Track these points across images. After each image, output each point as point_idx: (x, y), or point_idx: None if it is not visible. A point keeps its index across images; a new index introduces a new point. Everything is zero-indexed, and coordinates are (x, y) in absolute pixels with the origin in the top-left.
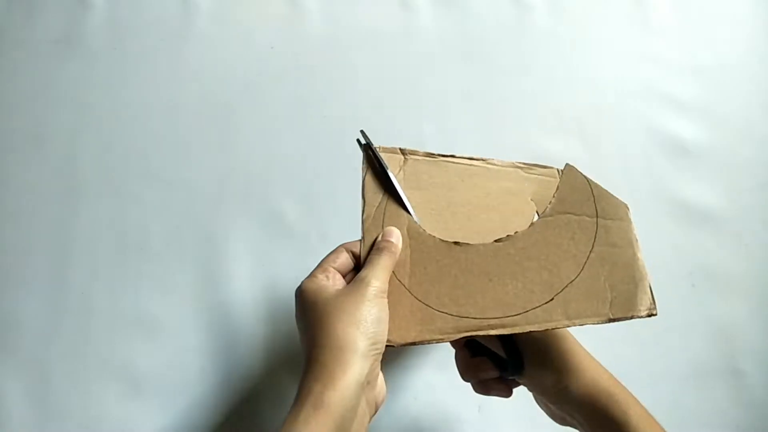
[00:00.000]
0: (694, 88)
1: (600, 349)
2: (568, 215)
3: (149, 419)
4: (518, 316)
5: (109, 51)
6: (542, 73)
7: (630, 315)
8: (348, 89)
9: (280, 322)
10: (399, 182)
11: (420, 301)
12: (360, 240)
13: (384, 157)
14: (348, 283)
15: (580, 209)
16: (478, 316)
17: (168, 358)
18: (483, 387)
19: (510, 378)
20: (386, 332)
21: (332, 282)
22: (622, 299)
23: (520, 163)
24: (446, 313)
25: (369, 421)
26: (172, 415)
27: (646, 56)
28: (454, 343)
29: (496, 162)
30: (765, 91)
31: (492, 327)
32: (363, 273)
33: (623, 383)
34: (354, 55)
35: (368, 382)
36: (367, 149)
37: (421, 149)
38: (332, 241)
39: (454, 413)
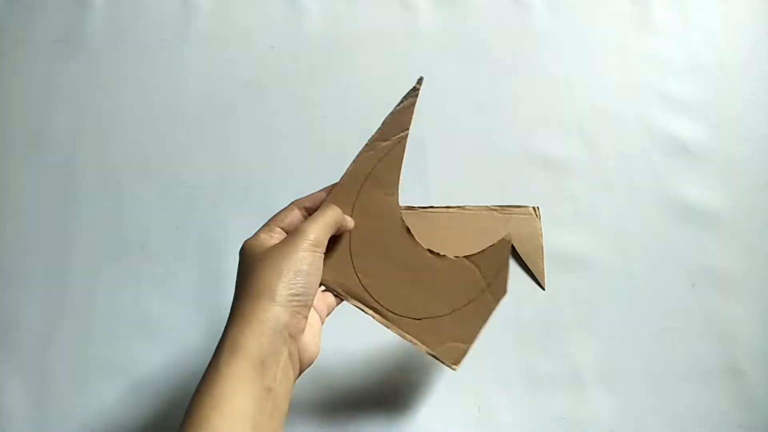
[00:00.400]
0: (694, 88)
1: (600, 349)
2: (475, 268)
3: (149, 419)
4: (399, 316)
5: (109, 51)
6: (542, 73)
7: (437, 358)
8: (348, 89)
9: None
10: None
11: (351, 256)
12: (331, 187)
13: None
14: None
15: (485, 271)
16: (374, 296)
17: (168, 358)
18: None
19: None
20: (315, 285)
21: (275, 241)
22: (449, 350)
23: (494, 206)
24: (359, 278)
25: (295, 377)
26: (172, 415)
27: (646, 56)
28: None
29: (471, 207)
30: (765, 91)
31: (375, 310)
32: (303, 225)
33: (624, 383)
34: (354, 55)
35: (290, 334)
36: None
37: (421, 150)
38: None
39: (454, 413)
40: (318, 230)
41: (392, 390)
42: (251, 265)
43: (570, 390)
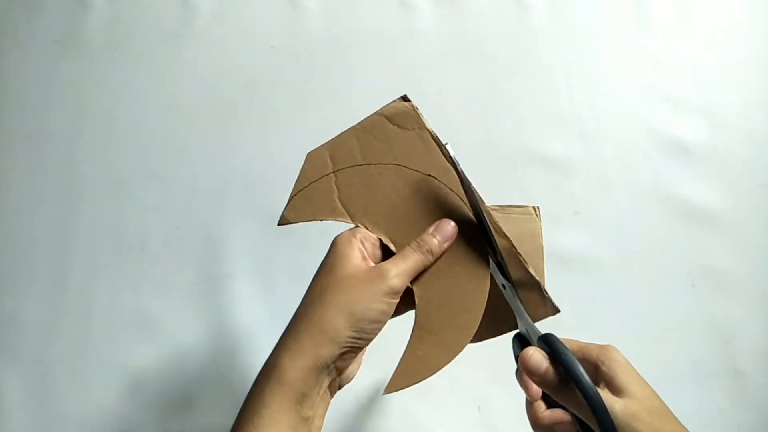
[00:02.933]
0: (694, 88)
1: None
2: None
3: (149, 419)
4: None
5: (109, 51)
6: (542, 73)
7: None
8: (348, 89)
9: (280, 322)
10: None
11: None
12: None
13: None
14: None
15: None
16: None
17: (168, 358)
18: None
19: None
20: (379, 331)
21: (368, 249)
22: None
23: (494, 206)
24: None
25: (331, 399)
26: (172, 415)
27: (646, 56)
28: (527, 392)
29: None
30: (765, 91)
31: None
32: (387, 265)
33: None
34: (354, 55)
35: (336, 368)
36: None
37: None
38: (332, 240)
39: (454, 413)
40: (402, 275)
41: None
42: (332, 283)
43: None
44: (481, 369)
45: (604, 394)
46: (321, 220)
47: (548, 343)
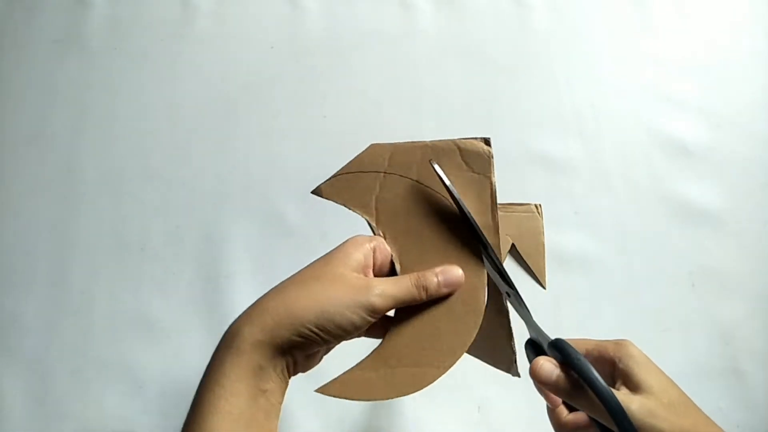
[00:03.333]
0: (695, 88)
1: None
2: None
3: (149, 419)
4: None
5: (109, 51)
6: (542, 73)
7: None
8: (348, 89)
9: None
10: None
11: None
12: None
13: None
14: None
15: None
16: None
17: (168, 358)
18: None
19: None
20: (344, 338)
21: (380, 258)
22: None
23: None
24: None
25: (290, 377)
26: (172, 415)
27: (645, 56)
28: (547, 400)
29: None
30: (765, 91)
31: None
32: (377, 282)
33: None
34: (354, 55)
35: (291, 355)
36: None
37: None
38: (332, 241)
39: (454, 413)
40: (386, 301)
41: None
42: (322, 274)
43: None
44: (481, 369)
45: (620, 395)
46: (349, 209)
47: (559, 348)
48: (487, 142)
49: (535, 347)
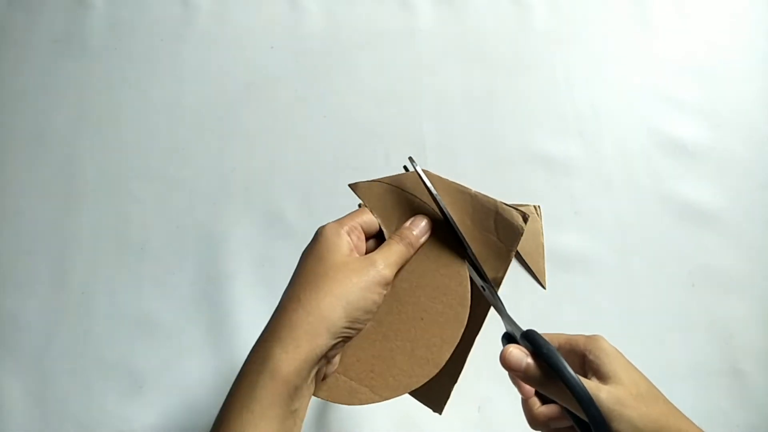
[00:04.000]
0: (694, 88)
1: None
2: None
3: (149, 419)
4: None
5: (109, 51)
6: (542, 73)
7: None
8: (348, 89)
9: None
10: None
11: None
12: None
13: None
14: (366, 250)
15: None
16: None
17: (168, 358)
18: None
19: None
20: (368, 321)
21: (355, 241)
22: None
23: None
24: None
25: (314, 389)
26: (172, 415)
27: (646, 56)
28: (520, 390)
29: None
30: (765, 91)
31: None
32: (375, 255)
33: None
34: (354, 55)
35: (327, 357)
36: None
37: (421, 149)
38: None
39: (454, 413)
40: (390, 266)
41: None
42: (323, 272)
43: None
44: (481, 369)
45: (590, 383)
46: (371, 212)
47: (530, 339)
48: (525, 218)
49: (510, 339)
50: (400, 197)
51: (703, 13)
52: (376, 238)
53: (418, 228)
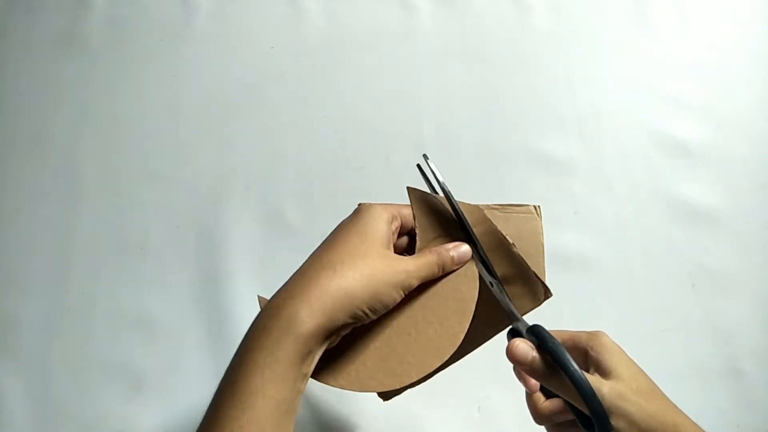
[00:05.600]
0: (695, 88)
1: None
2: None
3: (149, 419)
4: None
5: (109, 51)
6: (542, 73)
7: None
8: (348, 89)
9: None
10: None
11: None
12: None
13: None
14: (396, 245)
15: None
16: None
17: (168, 358)
18: (558, 430)
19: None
20: (379, 315)
21: (393, 230)
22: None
23: (495, 204)
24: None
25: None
26: (173, 415)
27: (646, 56)
28: (525, 385)
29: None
30: (765, 91)
31: None
32: (411, 264)
33: None
34: (354, 55)
35: (336, 336)
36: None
37: (421, 149)
38: None
39: (454, 413)
40: (419, 281)
41: None
42: (364, 251)
43: None
44: (481, 369)
45: (592, 378)
46: (413, 214)
47: (535, 334)
48: (546, 293)
49: (515, 335)
50: (448, 218)
51: (704, 13)
52: (408, 236)
53: (458, 253)
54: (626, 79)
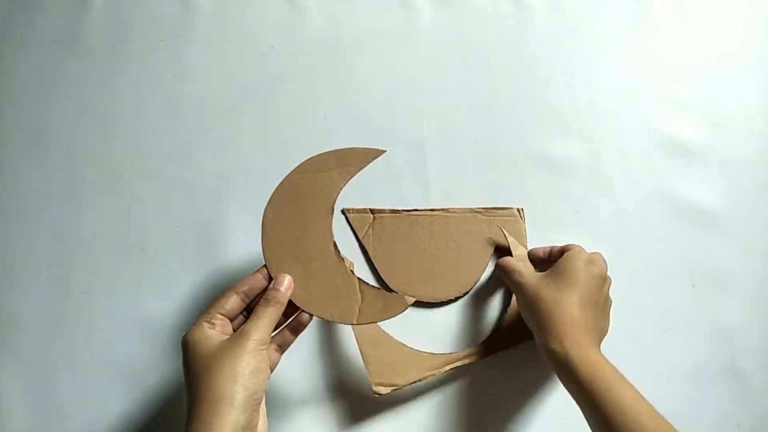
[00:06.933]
0: (695, 88)
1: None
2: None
3: (149, 419)
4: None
5: (109, 51)
6: (542, 73)
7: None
8: (348, 89)
9: None
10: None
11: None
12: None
13: (356, 218)
14: (234, 330)
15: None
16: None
17: (168, 358)
18: None
19: None
20: (266, 381)
21: (218, 330)
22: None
23: (478, 208)
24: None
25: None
26: (172, 416)
27: (646, 56)
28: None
29: (455, 210)
30: (765, 91)
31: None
32: (246, 326)
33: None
34: (354, 55)
35: (248, 430)
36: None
37: (421, 150)
38: None
39: (453, 413)
40: (262, 330)
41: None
42: (202, 366)
43: None
44: (480, 369)
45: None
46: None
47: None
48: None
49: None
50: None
51: (704, 13)
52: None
53: (283, 285)
54: (626, 79)
